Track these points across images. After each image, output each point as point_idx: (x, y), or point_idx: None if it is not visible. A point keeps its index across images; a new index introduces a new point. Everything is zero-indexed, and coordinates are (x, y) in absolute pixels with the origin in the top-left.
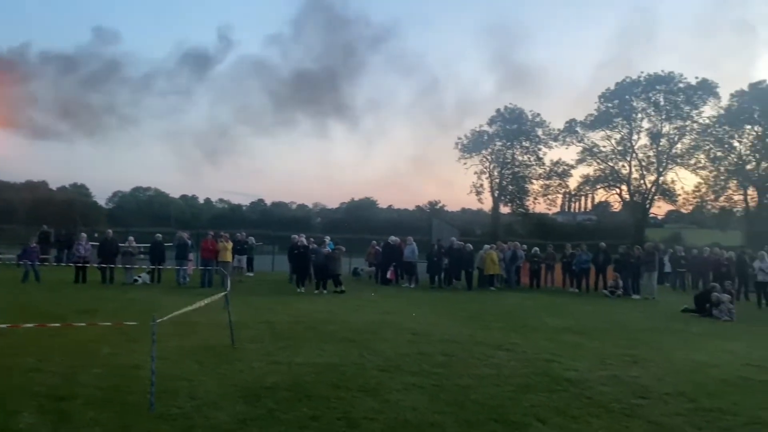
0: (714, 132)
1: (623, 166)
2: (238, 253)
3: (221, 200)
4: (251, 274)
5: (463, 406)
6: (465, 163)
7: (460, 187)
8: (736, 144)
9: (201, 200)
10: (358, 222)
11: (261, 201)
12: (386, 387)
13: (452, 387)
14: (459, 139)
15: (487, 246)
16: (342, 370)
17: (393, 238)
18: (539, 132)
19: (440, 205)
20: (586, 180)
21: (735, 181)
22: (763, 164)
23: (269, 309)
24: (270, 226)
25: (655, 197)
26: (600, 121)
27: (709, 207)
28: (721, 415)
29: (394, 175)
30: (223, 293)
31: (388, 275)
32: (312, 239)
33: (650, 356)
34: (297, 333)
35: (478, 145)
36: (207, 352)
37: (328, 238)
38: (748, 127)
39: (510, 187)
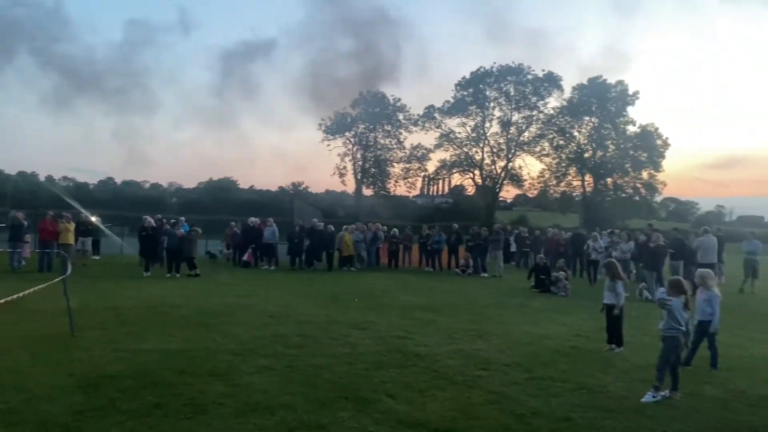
0: (557, 122)
1: (477, 151)
2: (82, 235)
3: (65, 178)
4: (97, 257)
5: (315, 386)
6: (328, 145)
7: (325, 168)
8: (576, 134)
9: (42, 177)
10: (217, 203)
11: (110, 179)
12: (238, 370)
13: (306, 368)
14: (322, 120)
15: (346, 227)
16: (191, 356)
17: (252, 220)
18: (400, 117)
19: (304, 186)
20: (444, 164)
21: (574, 168)
22: (599, 153)
23: (116, 294)
24: (120, 206)
25: (505, 182)
26: (456, 108)
27: (552, 191)
28: (553, 382)
29: (257, 155)
30: (60, 278)
31: (246, 257)
32: (165, 220)
33: (494, 330)
34: (145, 318)
35: (341, 127)
36: (42, 341)
37: (182, 219)
38: (587, 118)
39: (372, 169)
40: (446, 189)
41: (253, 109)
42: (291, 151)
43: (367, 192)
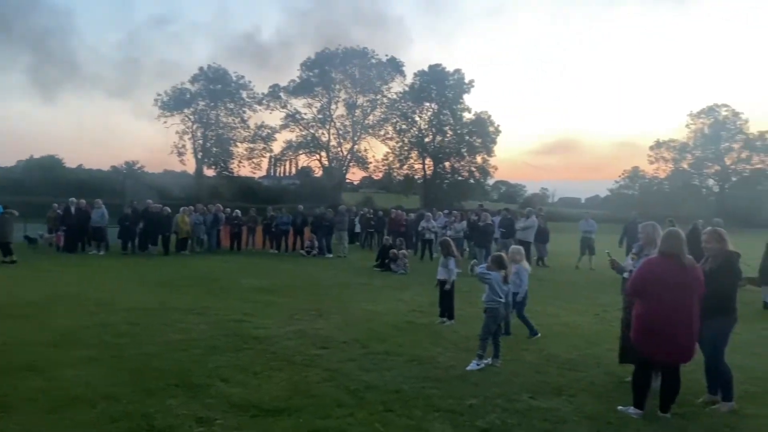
0: (400, 107)
1: (323, 133)
2: None
3: None
4: None
5: (143, 375)
6: (165, 122)
7: (162, 147)
8: (417, 119)
9: None
10: (40, 183)
11: None
12: (56, 363)
13: (135, 356)
14: (159, 95)
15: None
16: (3, 350)
17: (75, 200)
18: (243, 94)
19: (139, 165)
20: (290, 145)
21: (416, 152)
22: (438, 138)
23: None
24: None
25: (351, 164)
26: (302, 88)
27: (396, 174)
28: (387, 356)
29: (86, 131)
30: None
31: (56, 240)
32: None
33: (335, 309)
34: None
35: (179, 104)
36: None
37: None
38: (427, 104)
39: (214, 149)
40: (293, 170)
41: (80, 80)
42: (124, 128)
43: (209, 172)
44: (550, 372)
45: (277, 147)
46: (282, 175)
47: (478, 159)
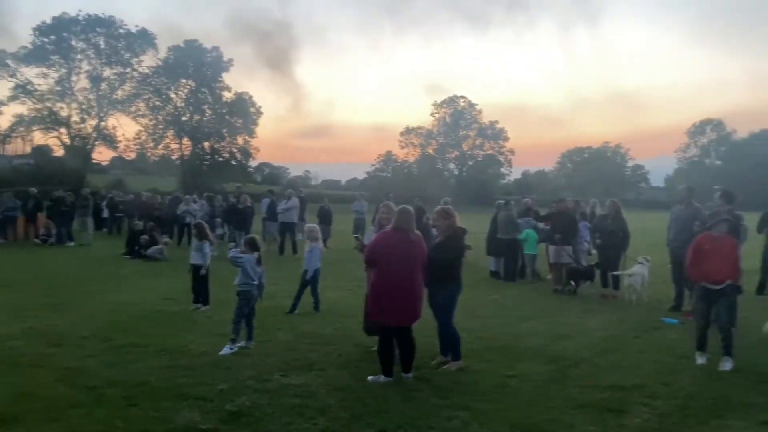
0: (153, 82)
1: (62, 108)
2: None
3: None
4: None
5: None
6: None
7: None
8: (173, 95)
9: None
10: None
11: None
12: None
13: None
14: None
15: None
16: None
17: None
18: None
19: None
20: (21, 120)
21: (172, 131)
22: (196, 116)
23: None
24: None
25: (97, 142)
26: (35, 56)
27: (150, 154)
28: (133, 349)
29: None
30: None
31: None
32: None
33: (74, 302)
34: None
35: None
36: None
37: None
38: (184, 80)
39: None
40: (28, 149)
41: None
42: None
43: None
44: (303, 348)
45: (4, 121)
46: (13, 153)
47: (239, 140)
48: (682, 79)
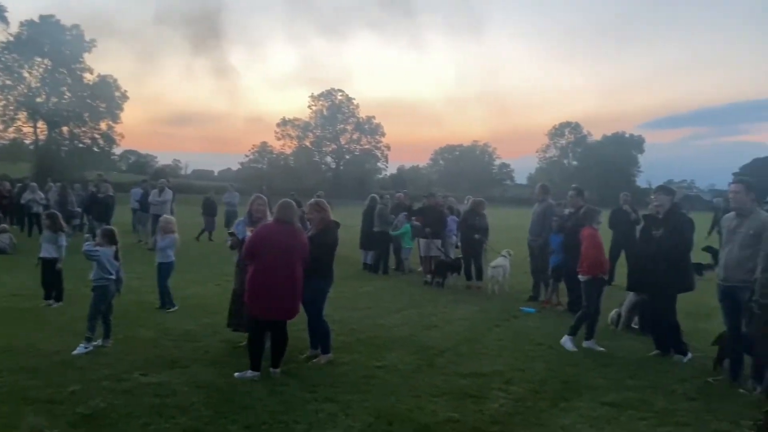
0: (3, 59)
1: None
2: None
3: None
4: None
5: None
6: None
7: None
8: (26, 74)
9: None
10: None
11: None
12: None
13: None
14: None
15: None
16: None
17: None
18: None
19: None
20: None
21: (25, 113)
22: (53, 99)
23: None
24: None
25: None
26: None
27: None
28: None
29: None
30: None
31: None
32: None
33: None
34: None
35: None
36: None
37: None
38: (39, 59)
39: None
40: None
41: None
42: None
43: None
44: (166, 345)
45: None
46: None
47: (102, 125)
48: (546, 84)
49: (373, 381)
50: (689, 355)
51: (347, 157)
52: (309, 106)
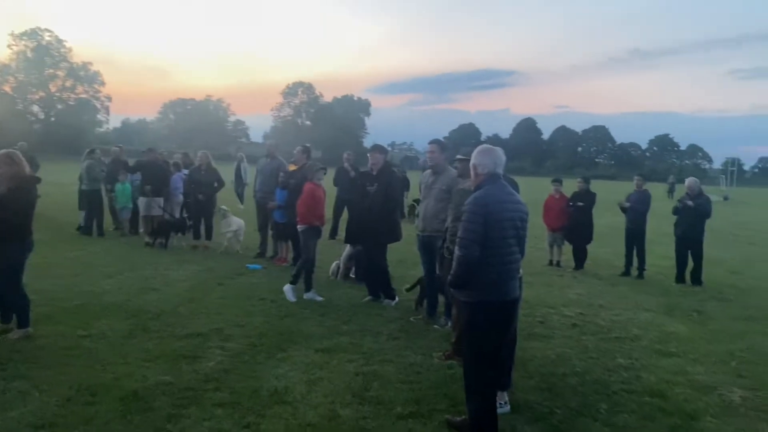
0: None
1: None
2: None
3: None
4: None
5: None
6: None
7: None
8: None
9: None
10: None
11: None
12: None
13: None
14: None
15: None
16: None
17: None
18: None
19: None
20: None
21: None
22: None
23: None
24: None
25: None
26: None
27: None
28: None
29: None
30: None
31: None
32: None
33: None
34: None
35: None
36: None
37: None
38: None
39: None
40: None
41: None
42: None
43: None
44: None
45: None
46: None
47: None
48: (283, 41)
49: (76, 352)
50: (397, 299)
51: (59, 107)
52: (9, 46)
